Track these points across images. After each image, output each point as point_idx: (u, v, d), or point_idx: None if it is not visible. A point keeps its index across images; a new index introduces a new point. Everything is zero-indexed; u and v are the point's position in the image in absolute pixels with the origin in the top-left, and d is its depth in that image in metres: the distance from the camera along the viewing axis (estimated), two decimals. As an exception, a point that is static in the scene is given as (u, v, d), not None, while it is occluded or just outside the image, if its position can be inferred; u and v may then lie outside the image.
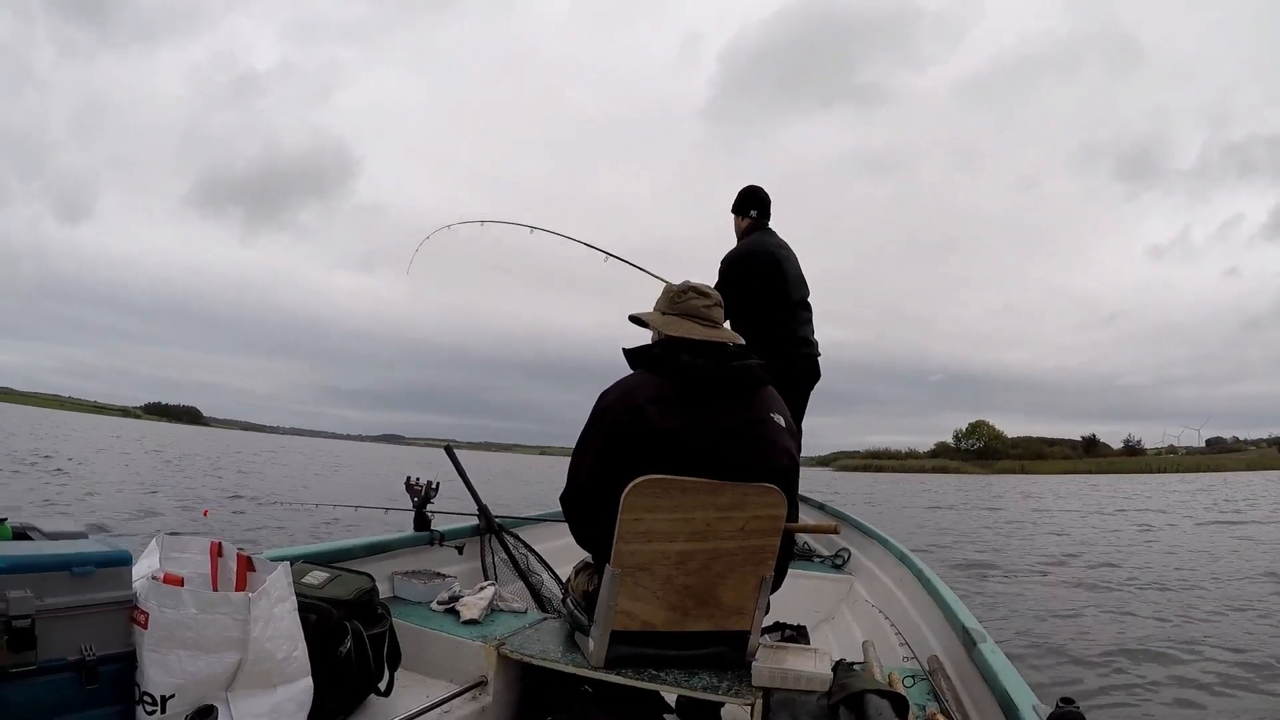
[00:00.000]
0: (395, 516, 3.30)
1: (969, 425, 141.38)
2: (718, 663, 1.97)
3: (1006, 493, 38.08)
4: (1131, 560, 11.59)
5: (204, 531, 9.44)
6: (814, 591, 3.55)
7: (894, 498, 30.67)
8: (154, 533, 1.89)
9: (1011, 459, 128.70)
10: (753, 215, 4.15)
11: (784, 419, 2.04)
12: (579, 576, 2.16)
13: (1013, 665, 1.87)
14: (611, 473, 1.87)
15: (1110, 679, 5.24)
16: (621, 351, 2.09)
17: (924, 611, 2.73)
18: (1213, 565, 10.99)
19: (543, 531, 3.73)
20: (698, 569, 1.90)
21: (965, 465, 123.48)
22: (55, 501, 11.62)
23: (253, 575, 1.80)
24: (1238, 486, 41.22)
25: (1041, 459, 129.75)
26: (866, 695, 1.71)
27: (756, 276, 3.89)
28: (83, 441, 34.35)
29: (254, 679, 1.59)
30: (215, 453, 38.45)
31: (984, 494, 36.50)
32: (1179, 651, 5.98)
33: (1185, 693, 4.97)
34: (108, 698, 1.49)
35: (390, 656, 2.01)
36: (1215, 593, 8.65)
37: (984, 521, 19.10)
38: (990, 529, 16.94)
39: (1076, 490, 40.44)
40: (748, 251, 4.01)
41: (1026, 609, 7.49)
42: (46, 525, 1.74)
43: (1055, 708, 1.49)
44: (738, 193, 4.23)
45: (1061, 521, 19.30)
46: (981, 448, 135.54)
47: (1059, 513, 22.41)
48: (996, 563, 10.88)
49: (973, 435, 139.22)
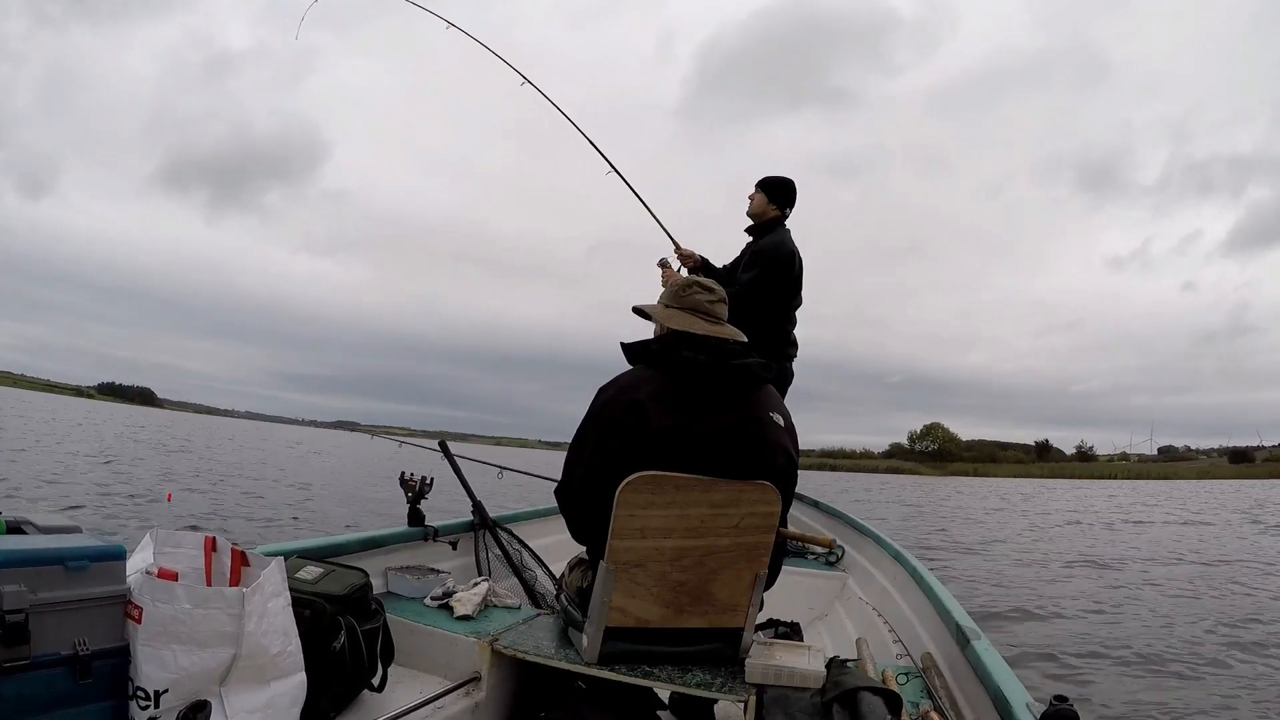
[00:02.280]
0: (388, 512, 3.31)
1: (923, 427, 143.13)
2: (711, 659, 1.98)
3: (961, 492, 38.78)
4: (1126, 560, 11.68)
5: (177, 519, 9.41)
6: (808, 588, 3.56)
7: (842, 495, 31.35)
8: (101, 516, 1.88)
9: (965, 461, 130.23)
10: (785, 211, 3.96)
11: (783, 418, 2.05)
12: (573, 572, 2.16)
13: (1006, 663, 1.88)
14: (608, 468, 1.87)
15: (1103, 677, 5.28)
16: (620, 346, 2.08)
17: (918, 609, 2.73)
18: (1204, 565, 11.10)
19: (537, 527, 3.73)
20: (692, 565, 1.91)
21: (919, 467, 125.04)
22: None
23: (247, 570, 1.80)
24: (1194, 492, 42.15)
25: (994, 462, 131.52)
26: (860, 692, 1.72)
27: (789, 278, 3.81)
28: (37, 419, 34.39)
29: (248, 674, 1.59)
30: (173, 434, 38.58)
31: (939, 493, 37.22)
32: (1171, 650, 6.03)
33: (1177, 690, 5.01)
34: (101, 693, 1.49)
35: (384, 652, 2.01)
36: (1211, 593, 8.72)
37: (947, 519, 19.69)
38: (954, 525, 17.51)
39: (1034, 492, 41.22)
40: (791, 250, 3.85)
41: (1018, 606, 7.53)
42: (40, 519, 1.74)
43: (1049, 705, 1.50)
44: (776, 179, 3.97)
45: (1039, 521, 19.84)
46: (935, 450, 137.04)
47: (1034, 514, 22.90)
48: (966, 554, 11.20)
49: (927, 437, 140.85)
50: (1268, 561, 11.76)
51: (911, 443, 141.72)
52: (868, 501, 26.44)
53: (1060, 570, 10.41)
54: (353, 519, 10.72)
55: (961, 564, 10.46)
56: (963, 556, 11.46)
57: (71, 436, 25.75)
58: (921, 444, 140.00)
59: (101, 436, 28.62)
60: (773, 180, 3.93)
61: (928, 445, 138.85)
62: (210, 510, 10.82)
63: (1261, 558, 12.31)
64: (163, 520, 9.24)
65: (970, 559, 11.16)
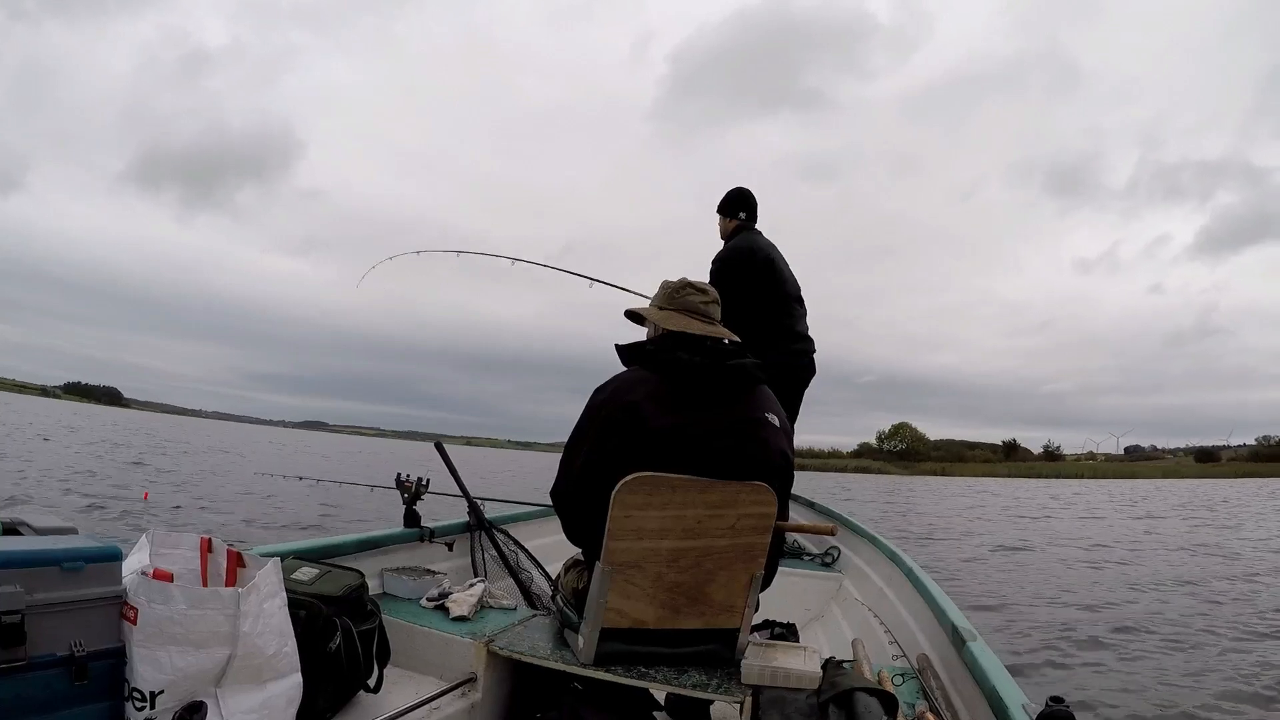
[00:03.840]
0: (383, 511, 3.32)
1: (892, 427, 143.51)
2: (708, 660, 1.98)
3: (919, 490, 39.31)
4: (1119, 560, 11.71)
5: (152, 514, 9.41)
6: (804, 589, 3.56)
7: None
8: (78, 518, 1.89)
9: (933, 461, 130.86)
10: (741, 217, 4.14)
11: (778, 419, 2.05)
12: (569, 573, 2.17)
13: (1002, 664, 1.88)
14: (604, 469, 1.88)
15: (1100, 677, 5.29)
16: (614, 348, 2.09)
17: (914, 610, 2.74)
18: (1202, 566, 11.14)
19: (533, 528, 3.73)
20: (688, 566, 1.91)
21: (887, 466, 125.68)
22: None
23: (243, 571, 1.80)
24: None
25: (962, 461, 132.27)
26: (856, 693, 1.72)
27: (750, 273, 3.89)
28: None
29: (244, 675, 1.59)
30: (138, 435, 38.66)
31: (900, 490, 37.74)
32: (1167, 650, 6.05)
33: (1173, 690, 5.03)
34: (97, 694, 1.49)
35: (380, 653, 2.01)
36: (1203, 593, 8.75)
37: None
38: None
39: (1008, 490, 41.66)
40: (740, 248, 3.99)
41: (1014, 609, 7.55)
42: (36, 520, 1.73)
43: (1045, 706, 1.50)
44: (725, 195, 4.19)
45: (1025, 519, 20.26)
46: (904, 449, 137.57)
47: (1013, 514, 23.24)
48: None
49: (895, 437, 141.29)
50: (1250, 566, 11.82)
51: (880, 442, 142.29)
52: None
53: (1054, 569, 10.49)
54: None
55: (926, 555, 10.68)
56: (921, 547, 11.78)
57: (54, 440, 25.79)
58: (890, 443, 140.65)
59: (68, 437, 28.65)
60: (722, 199, 4.20)
61: (896, 445, 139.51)
62: (188, 508, 10.85)
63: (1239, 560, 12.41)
64: (140, 519, 9.29)
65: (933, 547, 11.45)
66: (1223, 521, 20.99)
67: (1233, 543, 14.97)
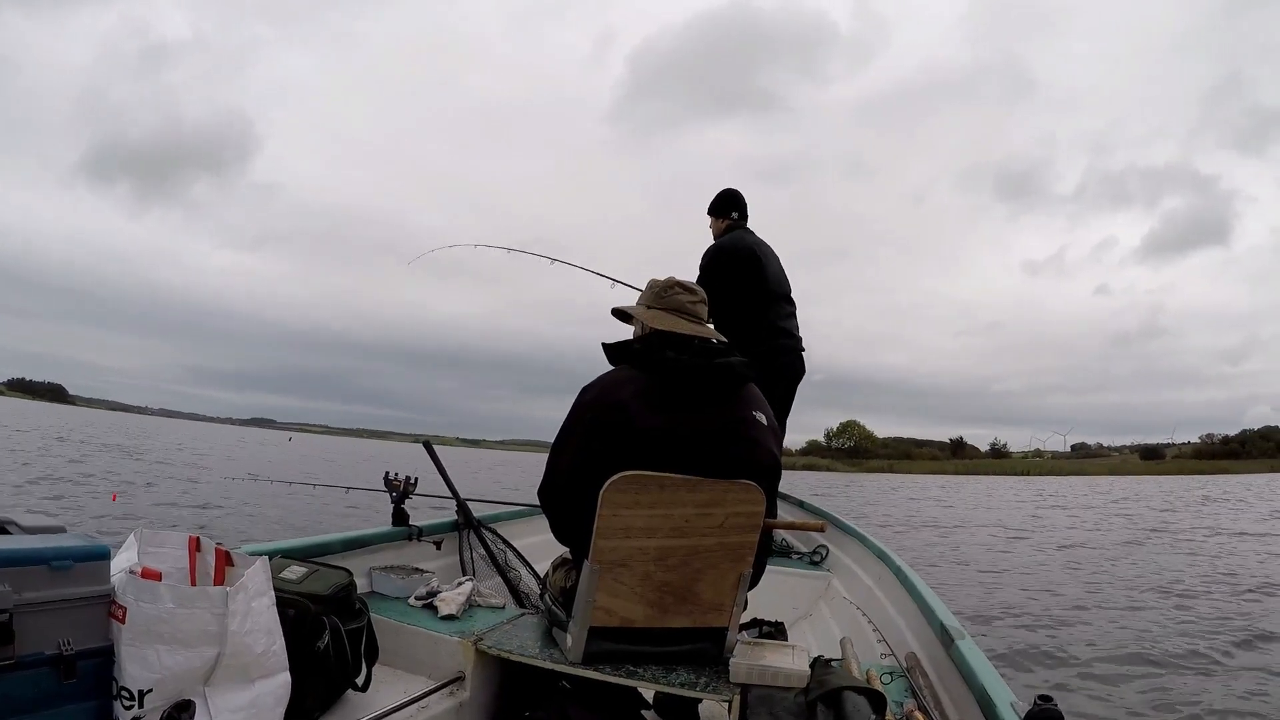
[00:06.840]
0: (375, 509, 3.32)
1: (840, 425, 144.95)
2: (696, 659, 1.98)
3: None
4: (1111, 560, 11.78)
5: (125, 516, 9.36)
6: (792, 588, 3.57)
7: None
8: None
9: (881, 458, 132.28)
10: (733, 217, 4.17)
11: (766, 417, 2.06)
12: (557, 572, 2.17)
13: (990, 663, 1.89)
14: (591, 468, 1.88)
15: (1088, 676, 5.32)
16: (601, 347, 2.09)
17: (902, 609, 2.75)
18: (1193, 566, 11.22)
19: (521, 527, 3.73)
20: (676, 565, 1.91)
21: (835, 463, 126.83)
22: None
23: (231, 570, 1.80)
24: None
25: (910, 459, 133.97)
26: (844, 692, 1.73)
27: (736, 269, 3.92)
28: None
29: (232, 673, 1.59)
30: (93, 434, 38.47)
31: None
32: (1155, 650, 6.09)
33: (1161, 691, 5.06)
34: (86, 692, 1.49)
35: (368, 652, 2.01)
36: (1198, 591, 8.82)
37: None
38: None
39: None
40: (727, 245, 4.03)
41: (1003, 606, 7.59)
42: (24, 519, 1.73)
43: (1033, 705, 1.51)
44: (716, 195, 4.21)
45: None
46: (852, 447, 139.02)
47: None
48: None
49: (843, 434, 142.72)
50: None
51: (828, 440, 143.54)
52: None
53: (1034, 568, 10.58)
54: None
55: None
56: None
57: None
58: (838, 441, 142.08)
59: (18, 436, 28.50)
60: (712, 201, 4.24)
61: (844, 442, 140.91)
62: (159, 506, 10.82)
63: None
64: (109, 520, 9.26)
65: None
66: (1201, 519, 21.16)
67: (1211, 542, 15.07)
